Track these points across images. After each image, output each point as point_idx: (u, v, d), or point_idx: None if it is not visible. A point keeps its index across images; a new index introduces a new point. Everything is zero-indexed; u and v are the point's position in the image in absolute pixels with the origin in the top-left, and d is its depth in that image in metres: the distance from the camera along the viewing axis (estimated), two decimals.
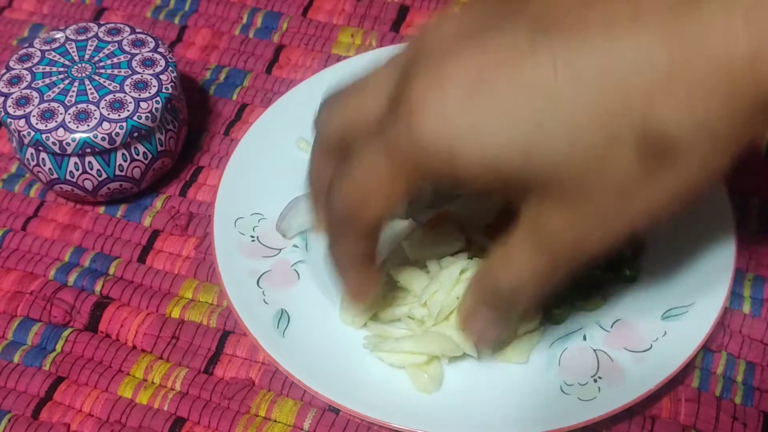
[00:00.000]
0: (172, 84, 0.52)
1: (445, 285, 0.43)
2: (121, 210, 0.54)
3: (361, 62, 0.57)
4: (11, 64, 0.52)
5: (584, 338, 0.45)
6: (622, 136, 0.28)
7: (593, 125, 0.28)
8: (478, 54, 0.30)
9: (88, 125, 0.49)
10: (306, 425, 0.44)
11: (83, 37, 0.54)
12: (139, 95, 0.51)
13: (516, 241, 0.33)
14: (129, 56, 0.53)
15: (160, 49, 0.53)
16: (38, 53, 0.53)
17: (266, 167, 0.53)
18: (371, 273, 0.40)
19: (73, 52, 0.53)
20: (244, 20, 0.65)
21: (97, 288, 0.50)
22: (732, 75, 0.27)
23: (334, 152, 0.38)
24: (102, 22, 0.56)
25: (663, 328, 0.45)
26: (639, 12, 0.28)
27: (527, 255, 0.33)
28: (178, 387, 0.46)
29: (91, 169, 0.50)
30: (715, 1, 0.27)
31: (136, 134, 0.50)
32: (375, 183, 0.33)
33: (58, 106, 0.50)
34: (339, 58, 0.61)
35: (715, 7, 0.27)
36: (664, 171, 0.29)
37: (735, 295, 0.48)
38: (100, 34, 0.54)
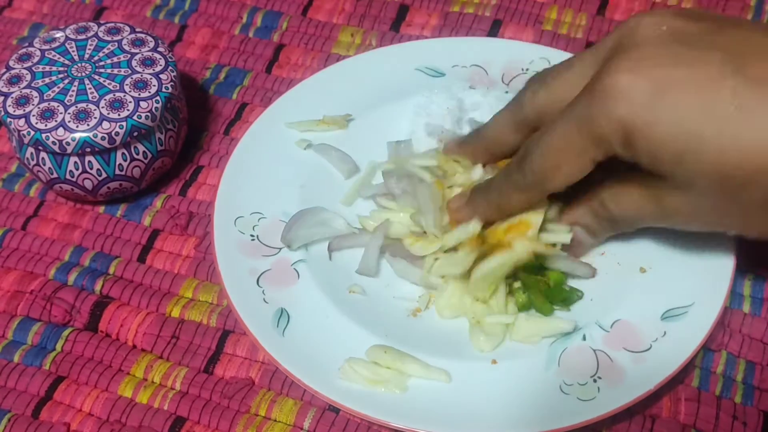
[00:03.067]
0: (172, 83, 0.52)
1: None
2: (121, 209, 0.54)
3: (361, 61, 0.58)
4: (11, 63, 0.52)
5: (584, 338, 0.45)
6: (762, 179, 0.35)
7: (742, 159, 0.35)
8: (673, 65, 0.37)
9: (88, 125, 0.49)
10: (306, 424, 0.44)
11: (83, 37, 0.54)
12: (139, 95, 0.51)
13: (635, 190, 0.41)
14: (129, 55, 0.53)
15: (159, 49, 0.53)
16: (38, 52, 0.53)
17: (266, 167, 0.53)
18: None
19: (73, 51, 0.53)
20: (244, 20, 0.65)
21: (97, 287, 0.50)
22: None
23: (528, 124, 0.46)
24: (102, 22, 0.56)
25: (663, 328, 0.45)
26: None
27: (641, 203, 0.41)
28: (178, 386, 0.46)
29: (91, 168, 0.50)
30: None
31: (135, 134, 0.50)
32: (567, 152, 0.40)
33: (58, 106, 0.50)
34: (339, 58, 0.61)
35: None
36: None
37: (735, 294, 0.48)
38: (100, 34, 0.54)
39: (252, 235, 0.50)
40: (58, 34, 0.54)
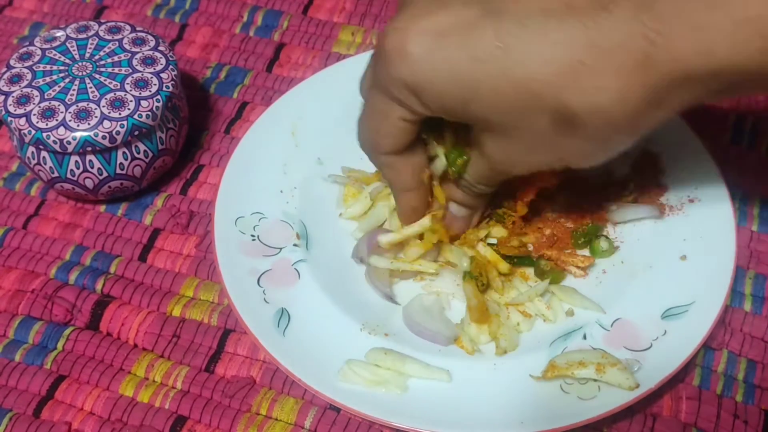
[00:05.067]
0: (172, 82, 0.52)
1: None
2: (121, 208, 0.54)
3: (362, 60, 0.58)
4: (12, 62, 0.52)
5: (584, 337, 0.45)
6: (539, 104, 0.36)
7: (516, 92, 0.36)
8: (441, 17, 0.37)
9: (89, 124, 0.49)
10: (307, 424, 0.44)
11: (84, 36, 0.54)
12: (140, 94, 0.51)
13: (473, 156, 0.43)
14: (129, 55, 0.53)
15: (160, 48, 0.53)
16: (39, 52, 0.53)
17: (267, 166, 0.53)
18: (421, 194, 0.46)
19: (74, 50, 0.53)
20: (245, 18, 0.65)
21: (98, 286, 0.50)
22: (627, 75, 0.34)
23: None
24: (102, 21, 0.56)
25: (663, 327, 0.45)
26: (569, 9, 0.35)
27: (477, 163, 0.43)
28: (179, 385, 0.46)
29: (92, 167, 0.50)
30: (625, 9, 0.34)
31: (136, 133, 0.50)
32: (377, 116, 0.42)
33: (59, 105, 0.50)
34: (339, 57, 0.61)
35: (624, 15, 0.34)
36: (568, 135, 0.37)
37: (736, 293, 0.48)
38: (101, 33, 0.54)
39: (253, 235, 0.50)
40: (59, 33, 0.54)
